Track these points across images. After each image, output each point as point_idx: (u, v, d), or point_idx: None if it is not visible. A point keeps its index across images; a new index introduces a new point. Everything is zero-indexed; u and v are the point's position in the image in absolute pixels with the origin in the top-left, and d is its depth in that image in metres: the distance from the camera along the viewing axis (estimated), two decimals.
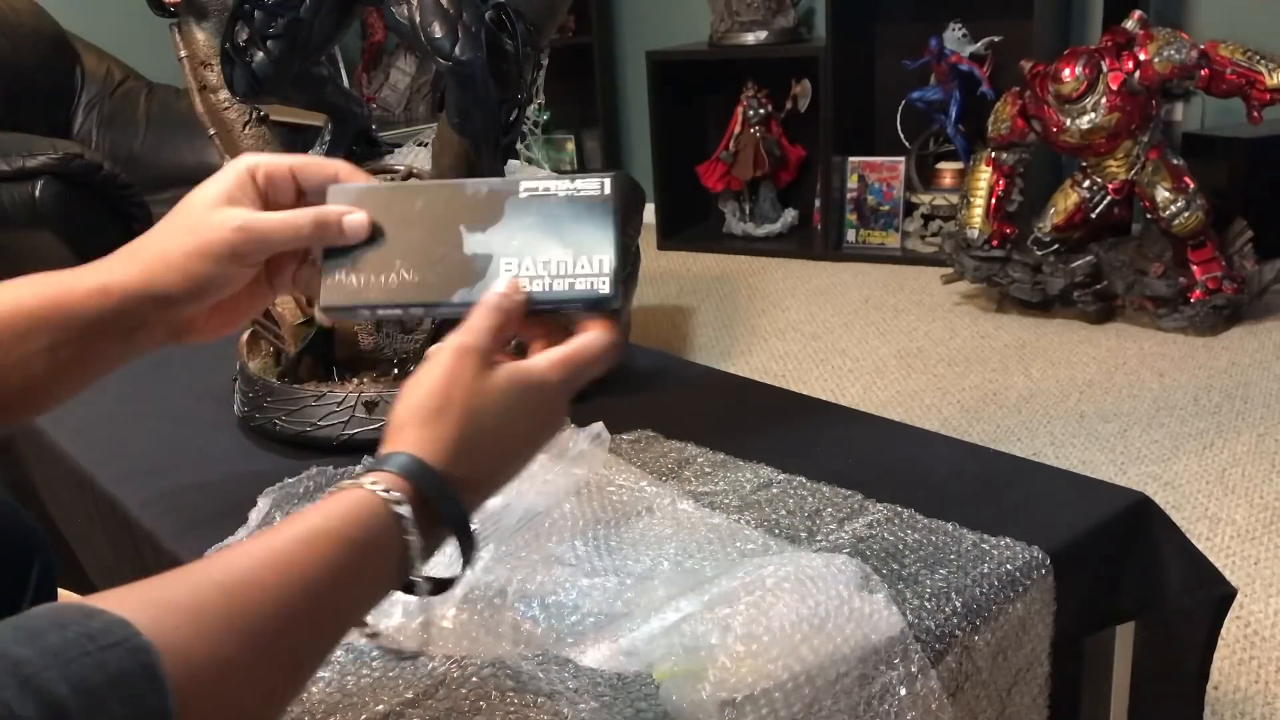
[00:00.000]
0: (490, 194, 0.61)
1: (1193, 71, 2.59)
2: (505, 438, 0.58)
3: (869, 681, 0.68)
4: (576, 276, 0.59)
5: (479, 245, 0.60)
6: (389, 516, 0.52)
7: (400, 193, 0.62)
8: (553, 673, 0.68)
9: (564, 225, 0.60)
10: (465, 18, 0.93)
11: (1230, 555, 1.71)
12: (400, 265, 0.60)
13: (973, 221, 2.92)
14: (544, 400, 0.59)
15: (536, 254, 0.60)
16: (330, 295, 0.61)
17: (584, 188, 0.60)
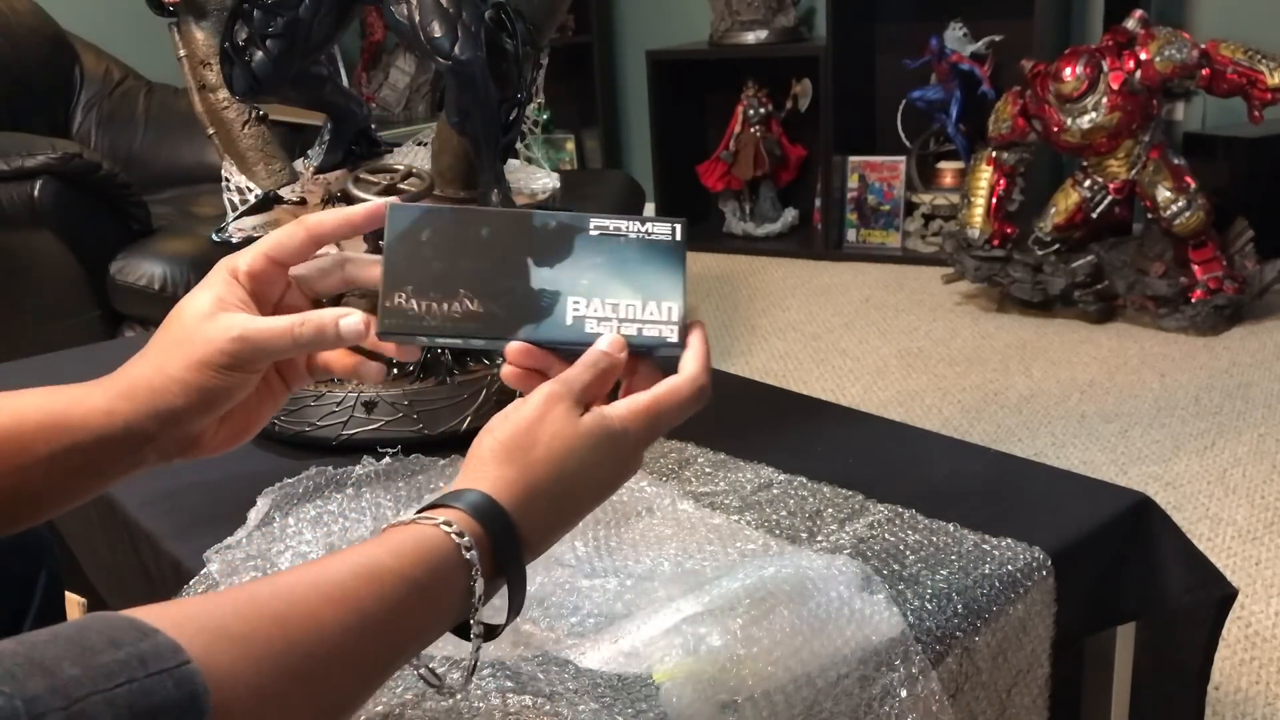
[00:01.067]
0: (559, 228, 0.60)
1: (1194, 71, 2.59)
2: (579, 487, 0.58)
3: (870, 683, 0.67)
4: (644, 322, 0.59)
5: (546, 280, 0.59)
6: (457, 560, 0.52)
7: (465, 217, 0.60)
8: (552, 674, 0.68)
9: (634, 268, 0.59)
10: (465, 17, 0.92)
11: (1231, 556, 1.71)
12: (465, 294, 0.59)
13: (973, 221, 2.92)
14: (622, 453, 0.58)
15: (605, 294, 0.59)
16: (390, 320, 0.59)
17: (656, 232, 0.60)
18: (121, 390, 0.59)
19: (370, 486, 0.94)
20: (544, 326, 0.59)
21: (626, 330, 0.59)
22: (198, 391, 0.58)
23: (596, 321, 0.59)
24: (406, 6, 0.93)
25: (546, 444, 0.55)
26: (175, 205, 2.66)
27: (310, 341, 0.60)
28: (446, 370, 1.06)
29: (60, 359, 1.43)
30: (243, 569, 0.82)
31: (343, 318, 0.60)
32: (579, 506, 0.59)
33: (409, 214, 0.60)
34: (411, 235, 0.59)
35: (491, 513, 0.53)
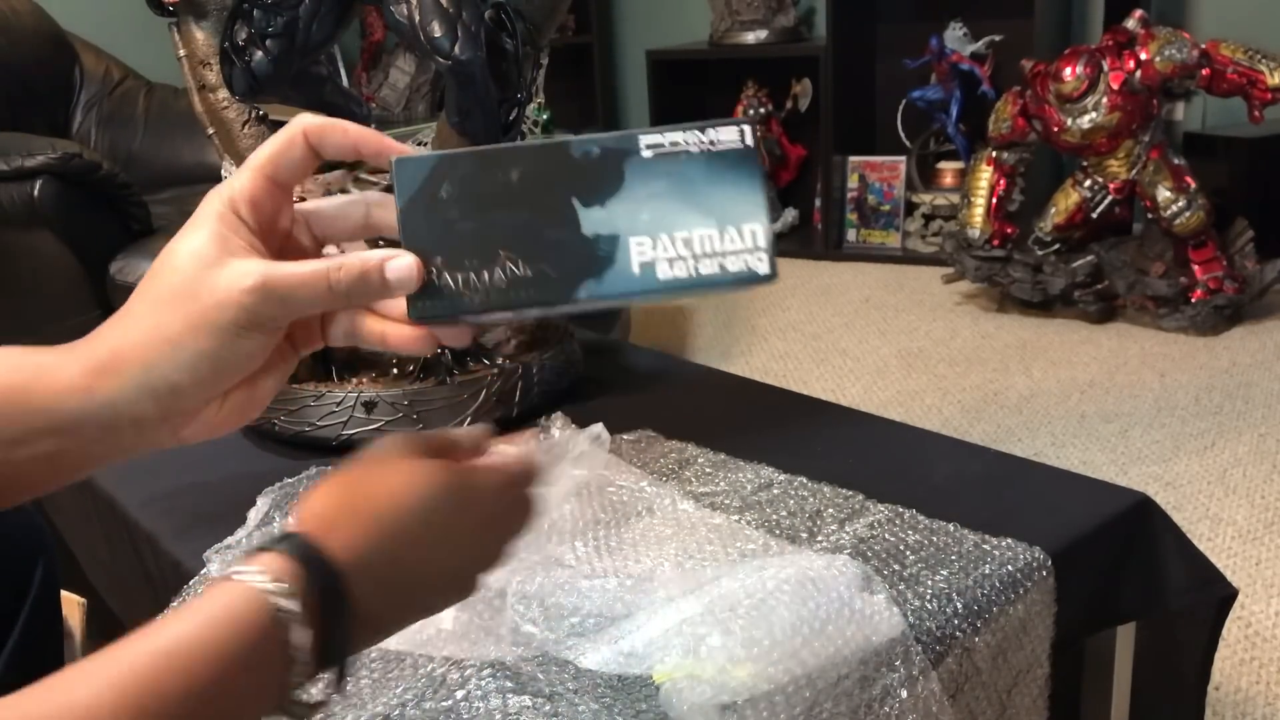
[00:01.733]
0: (605, 156, 0.49)
1: (1194, 71, 2.59)
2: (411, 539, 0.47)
3: (870, 684, 0.67)
4: (726, 254, 0.48)
5: (600, 223, 0.48)
6: (278, 640, 0.42)
7: (490, 159, 0.49)
8: (552, 674, 0.68)
9: (703, 190, 0.49)
10: (465, 17, 0.92)
11: (1231, 556, 1.71)
12: (506, 255, 0.48)
13: (973, 221, 2.92)
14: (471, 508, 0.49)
15: (673, 228, 0.49)
16: (421, 302, 0.49)
17: (721, 140, 0.49)
18: (103, 361, 0.47)
19: None
20: (607, 280, 0.48)
21: (707, 267, 0.48)
22: (208, 360, 0.46)
23: (669, 264, 0.48)
24: (406, 6, 0.93)
25: (384, 498, 0.47)
26: (175, 205, 2.66)
27: (349, 291, 0.47)
28: (446, 370, 1.06)
29: None
30: None
31: (389, 259, 0.47)
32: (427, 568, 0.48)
33: (421, 166, 0.49)
34: (428, 193, 0.49)
35: (309, 554, 0.44)
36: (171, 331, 0.46)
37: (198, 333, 0.45)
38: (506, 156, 0.49)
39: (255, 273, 0.46)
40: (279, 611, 0.42)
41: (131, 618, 1.03)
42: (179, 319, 0.46)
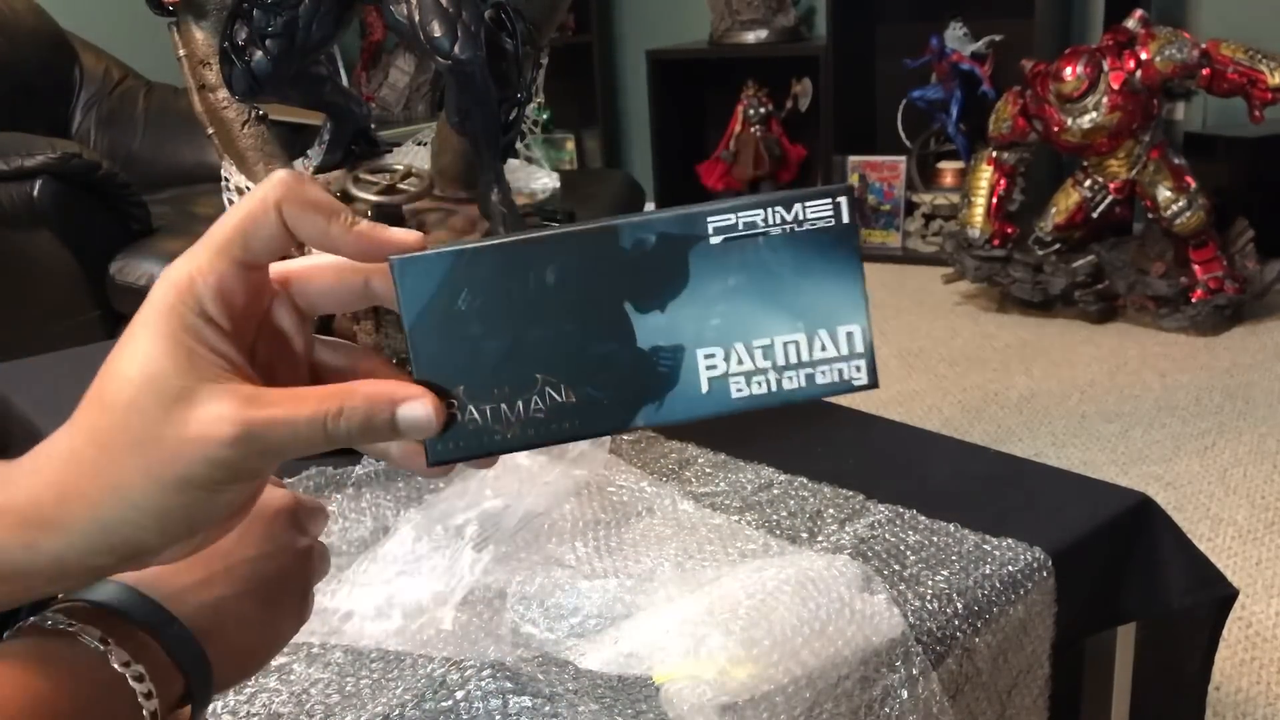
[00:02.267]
0: (663, 245, 0.39)
1: (1194, 71, 2.59)
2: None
3: (870, 684, 0.67)
4: (815, 364, 0.40)
5: (660, 332, 0.40)
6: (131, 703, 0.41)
7: (518, 256, 0.39)
8: (552, 675, 0.67)
9: (787, 284, 0.40)
10: (465, 16, 0.92)
11: (1232, 556, 1.71)
12: (544, 379, 0.39)
13: (974, 221, 2.91)
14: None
15: (751, 336, 0.40)
16: (442, 445, 0.40)
17: (810, 216, 0.39)
18: (46, 511, 0.37)
19: (370, 486, 0.94)
20: (670, 403, 0.40)
21: (792, 381, 0.40)
22: (177, 519, 0.37)
23: (745, 379, 0.40)
24: (406, 6, 0.93)
25: None
26: (175, 205, 2.66)
27: (351, 436, 0.38)
28: None
29: (60, 359, 1.42)
30: None
31: (401, 402, 0.38)
32: None
33: (431, 270, 0.39)
34: (442, 304, 0.39)
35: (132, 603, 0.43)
36: (128, 485, 0.36)
37: (164, 489, 0.36)
38: (539, 251, 0.39)
39: (232, 419, 0.35)
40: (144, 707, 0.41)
41: None
42: (137, 470, 0.36)
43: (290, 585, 0.50)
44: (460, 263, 0.39)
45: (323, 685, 0.69)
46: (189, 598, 0.46)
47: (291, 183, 0.38)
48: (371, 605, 0.75)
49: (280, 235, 0.38)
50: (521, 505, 0.81)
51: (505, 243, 0.39)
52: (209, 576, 0.47)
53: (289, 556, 0.50)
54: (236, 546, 0.48)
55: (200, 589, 0.46)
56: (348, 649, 0.72)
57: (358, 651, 0.72)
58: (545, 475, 0.83)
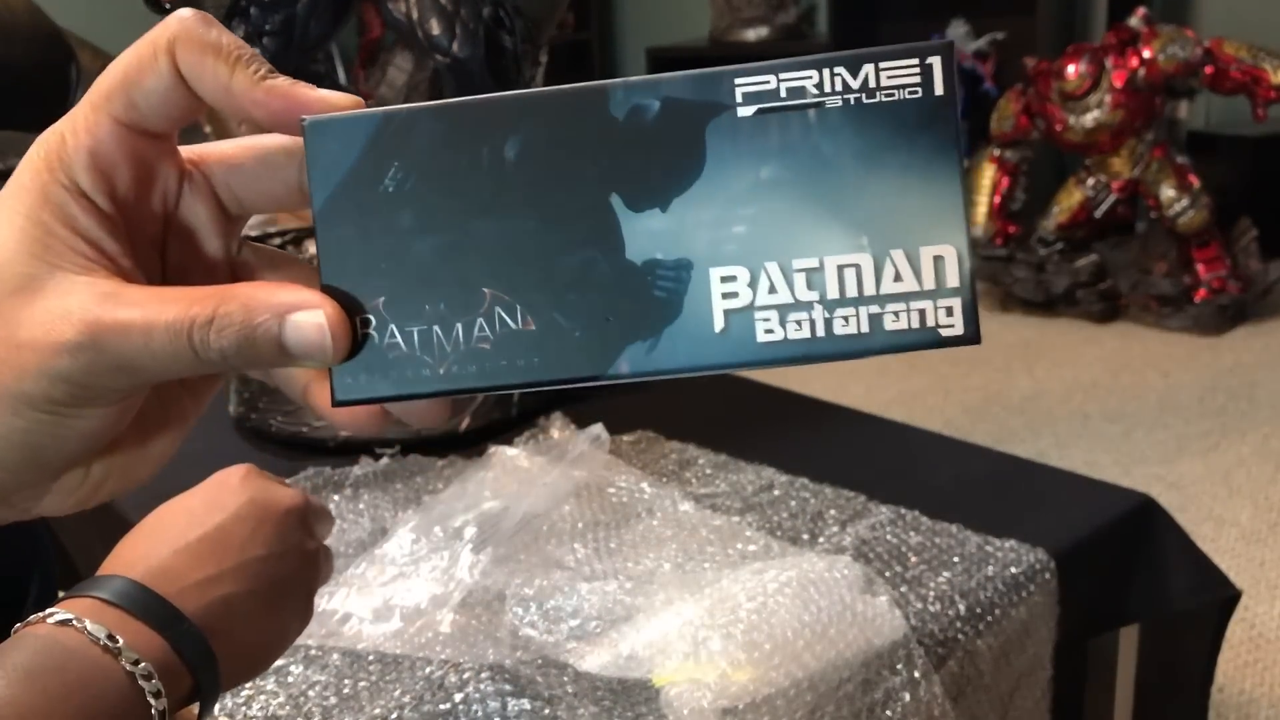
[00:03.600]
0: (671, 115, 0.28)
1: (1197, 69, 2.58)
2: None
3: (872, 687, 0.67)
4: (886, 301, 0.28)
5: (659, 239, 0.28)
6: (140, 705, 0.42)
7: (466, 119, 0.28)
8: (551, 677, 0.67)
9: (846, 179, 0.27)
10: (463, 14, 0.92)
11: (1235, 557, 1.70)
12: (494, 296, 0.28)
13: (976, 220, 2.91)
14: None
15: (789, 254, 0.28)
16: (350, 376, 0.29)
17: (887, 84, 0.27)
18: None
19: (368, 487, 0.93)
20: (668, 342, 0.28)
21: (844, 325, 0.28)
22: (16, 446, 0.28)
23: (779, 317, 0.28)
24: (405, 3, 0.93)
25: (170, 512, 0.52)
26: None
27: (226, 356, 0.28)
28: None
29: None
30: None
31: (293, 310, 0.28)
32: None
33: (352, 134, 0.29)
34: (365, 179, 0.29)
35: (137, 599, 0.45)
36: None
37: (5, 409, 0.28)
38: (498, 116, 0.28)
39: (78, 317, 0.27)
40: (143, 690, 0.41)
41: None
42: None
43: (298, 586, 0.51)
44: (390, 127, 0.28)
45: (320, 688, 0.68)
46: (197, 594, 0.46)
47: (190, 21, 0.29)
48: (369, 607, 0.74)
49: (174, 89, 0.29)
50: (520, 507, 0.80)
51: (452, 103, 0.28)
52: (219, 574, 0.47)
53: (297, 557, 0.51)
54: (247, 544, 0.48)
55: (209, 586, 0.47)
56: (346, 651, 0.72)
57: (356, 654, 0.71)
58: (544, 476, 0.82)
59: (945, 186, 0.27)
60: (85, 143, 0.29)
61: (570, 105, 0.28)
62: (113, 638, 0.41)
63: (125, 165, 0.29)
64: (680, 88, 0.28)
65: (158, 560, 0.47)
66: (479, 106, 0.28)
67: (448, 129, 0.28)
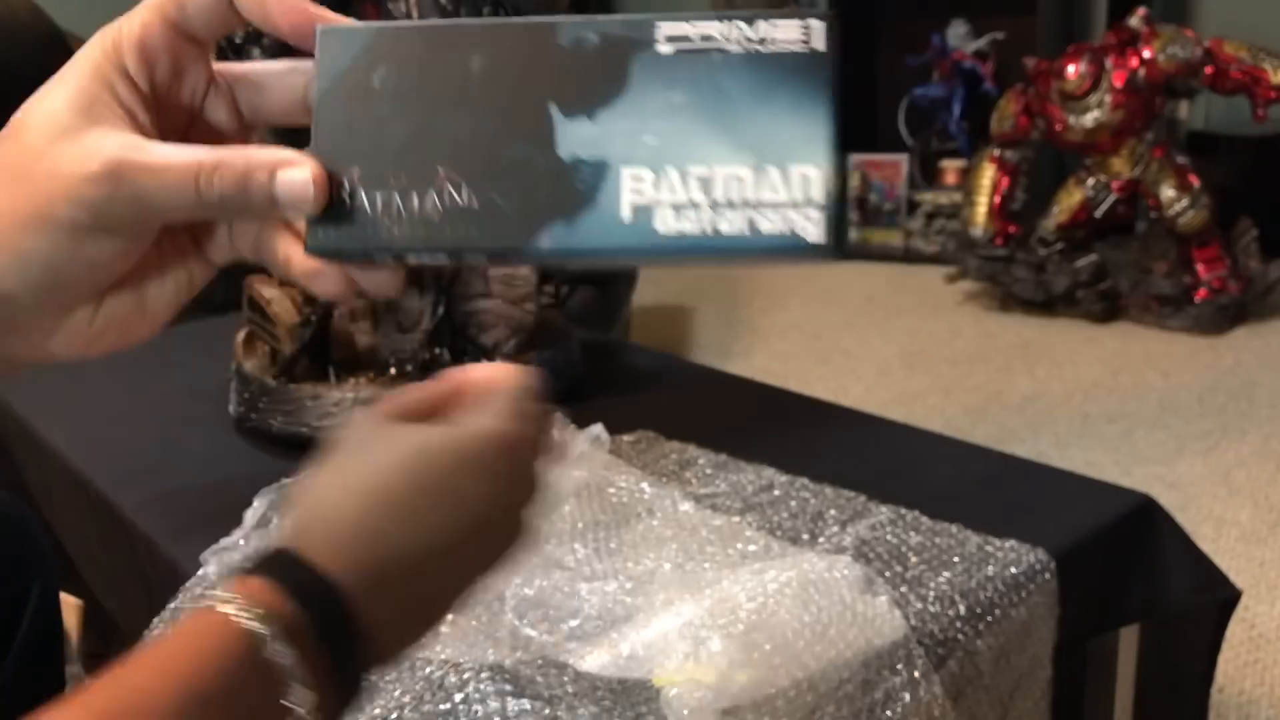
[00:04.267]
0: (605, 47, 0.35)
1: (1197, 69, 2.58)
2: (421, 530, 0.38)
3: (872, 687, 0.67)
4: (761, 206, 0.34)
5: (585, 143, 0.35)
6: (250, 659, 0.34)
7: (446, 40, 0.36)
8: (551, 677, 0.67)
9: (740, 108, 0.34)
10: (462, 14, 0.92)
11: (1235, 557, 1.70)
12: (447, 175, 0.35)
13: (976, 220, 2.91)
14: (459, 466, 0.39)
15: (688, 161, 0.34)
16: (324, 229, 0.36)
17: (777, 36, 0.34)
18: None
19: None
20: (583, 224, 0.35)
21: (731, 224, 0.34)
22: (39, 265, 0.34)
23: (675, 212, 0.34)
24: (405, 3, 0.93)
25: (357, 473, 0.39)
26: None
27: (222, 203, 0.35)
28: (445, 369, 1.05)
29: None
30: None
31: (283, 166, 0.35)
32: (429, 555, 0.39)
33: (351, 41, 0.36)
34: (357, 78, 0.36)
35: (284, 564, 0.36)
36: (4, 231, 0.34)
37: (27, 227, 0.34)
38: (467, 37, 0.36)
39: (106, 155, 0.34)
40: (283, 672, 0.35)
41: (128, 619, 1.02)
42: (7, 207, 0.34)
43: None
44: (383, 38, 0.36)
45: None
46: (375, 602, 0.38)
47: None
48: None
49: (219, 4, 0.36)
50: None
51: (434, 24, 0.39)
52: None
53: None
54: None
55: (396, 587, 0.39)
56: None
57: None
58: (544, 476, 0.82)
59: (815, 119, 0.34)
60: (138, 34, 0.36)
61: (526, 32, 0.36)
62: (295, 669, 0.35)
63: (166, 59, 0.37)
64: (616, 26, 0.35)
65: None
66: (453, 29, 0.37)
67: (426, 44, 0.36)
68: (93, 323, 0.38)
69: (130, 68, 0.36)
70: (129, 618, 1.01)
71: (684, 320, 3.05)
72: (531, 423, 0.42)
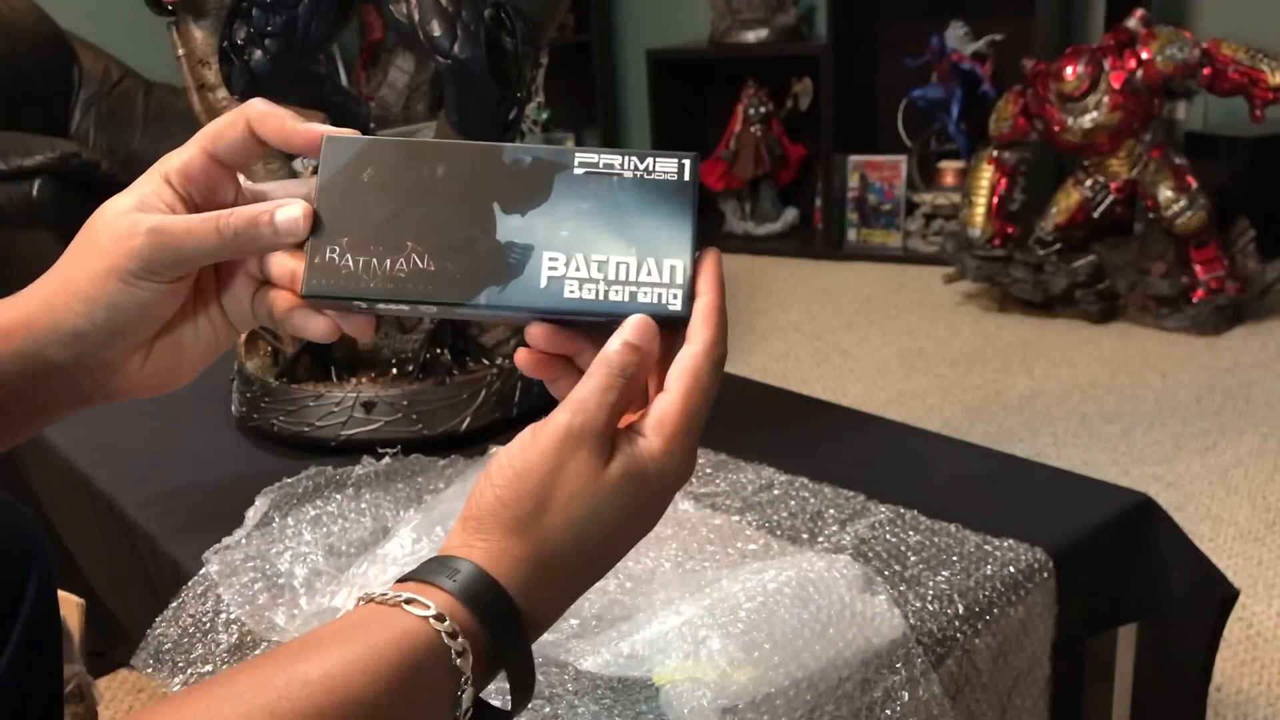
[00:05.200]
0: (536, 166, 0.48)
1: (1195, 70, 2.58)
2: (606, 551, 0.47)
3: (871, 686, 0.67)
4: (640, 285, 0.47)
5: (517, 231, 0.48)
6: (445, 666, 0.43)
7: (418, 151, 0.49)
8: (552, 676, 0.67)
9: (629, 215, 0.48)
10: (464, 15, 0.92)
11: (1233, 556, 1.71)
12: (412, 247, 0.48)
13: (974, 220, 2.91)
14: (658, 494, 0.47)
15: (590, 250, 0.47)
16: (316, 279, 0.48)
17: (658, 169, 0.48)
18: (21, 310, 0.49)
19: (370, 487, 0.93)
20: (511, 289, 0.47)
21: (616, 294, 0.47)
22: (104, 307, 0.48)
23: (578, 284, 0.47)
24: (406, 5, 0.93)
25: (564, 507, 0.45)
26: None
27: (238, 235, 0.48)
28: (446, 370, 1.05)
29: None
30: (241, 569, 0.82)
31: (281, 206, 0.48)
32: (602, 569, 0.48)
33: (350, 148, 0.49)
34: (351, 174, 0.49)
35: (491, 600, 0.44)
36: (76, 279, 0.49)
37: (95, 279, 0.48)
38: (436, 152, 0.49)
39: (151, 222, 0.48)
40: (454, 660, 0.43)
41: (130, 618, 1.02)
42: (84, 267, 0.48)
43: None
44: (372, 146, 0.49)
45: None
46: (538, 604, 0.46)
47: (260, 102, 0.50)
48: None
49: (245, 140, 0.50)
50: None
51: (412, 141, 0.50)
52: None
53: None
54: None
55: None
56: None
57: None
58: None
59: (681, 228, 0.48)
60: (184, 162, 0.50)
61: (479, 151, 0.49)
62: (452, 633, 0.43)
63: (203, 180, 0.50)
64: (545, 153, 0.49)
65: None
66: (425, 145, 0.49)
67: (404, 153, 0.49)
68: (143, 367, 0.51)
69: (175, 183, 0.50)
70: (131, 617, 1.02)
71: None
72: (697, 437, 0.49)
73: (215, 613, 0.79)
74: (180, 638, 0.78)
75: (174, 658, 0.77)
